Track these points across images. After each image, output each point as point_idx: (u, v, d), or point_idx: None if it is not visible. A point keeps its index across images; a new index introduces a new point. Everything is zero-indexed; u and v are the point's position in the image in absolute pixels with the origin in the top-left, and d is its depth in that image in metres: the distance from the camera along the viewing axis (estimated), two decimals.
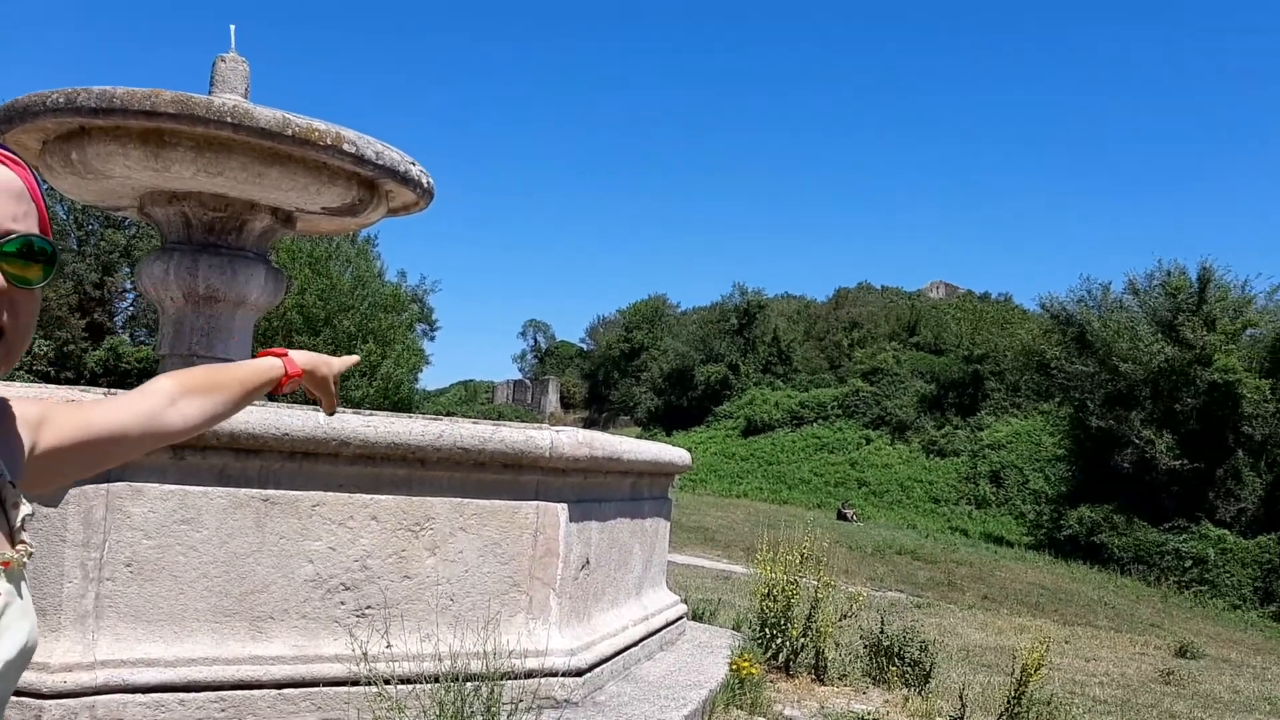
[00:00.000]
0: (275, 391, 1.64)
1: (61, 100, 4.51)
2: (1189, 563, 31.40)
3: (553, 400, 71.57)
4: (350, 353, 29.46)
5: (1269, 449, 33.49)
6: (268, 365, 1.60)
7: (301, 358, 1.66)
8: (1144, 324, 35.30)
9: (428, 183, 5.42)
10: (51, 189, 5.71)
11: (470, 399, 72.57)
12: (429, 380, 73.30)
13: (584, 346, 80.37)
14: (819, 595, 6.20)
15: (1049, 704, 6.18)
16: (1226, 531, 32.08)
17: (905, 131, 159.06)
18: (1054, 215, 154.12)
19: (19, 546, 1.12)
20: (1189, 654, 13.94)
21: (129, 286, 40.15)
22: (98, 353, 35.41)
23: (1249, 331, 34.91)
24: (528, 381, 76.42)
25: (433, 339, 48.17)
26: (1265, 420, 32.89)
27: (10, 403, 1.24)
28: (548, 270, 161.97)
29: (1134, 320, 35.71)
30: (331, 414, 1.85)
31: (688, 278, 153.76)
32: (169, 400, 1.41)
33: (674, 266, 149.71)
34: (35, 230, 1.13)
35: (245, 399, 1.55)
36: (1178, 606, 25.99)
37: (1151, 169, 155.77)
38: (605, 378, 71.08)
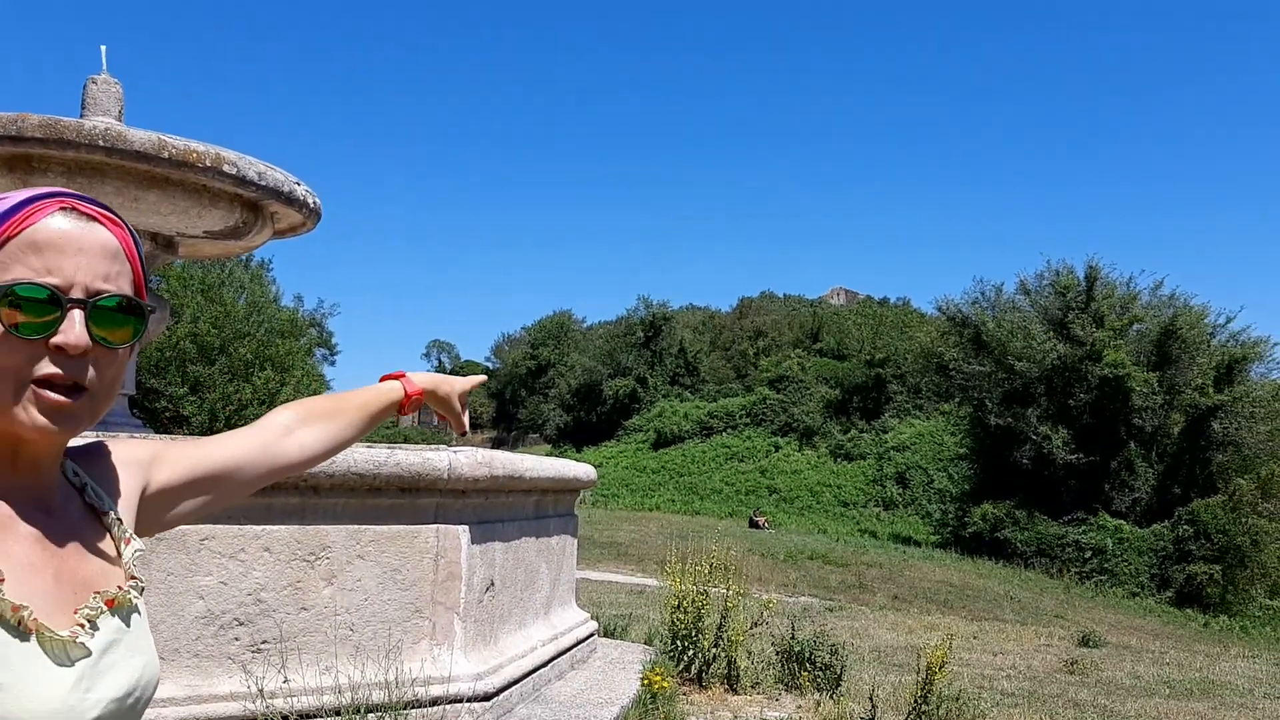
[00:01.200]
0: (400, 413, 1.66)
1: None
2: (1088, 553, 32.37)
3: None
4: (248, 380, 28.78)
5: (1159, 439, 34.76)
6: (388, 388, 1.61)
7: (421, 378, 1.68)
8: (1036, 323, 36.36)
9: (314, 203, 5.29)
10: None
11: None
12: None
13: (490, 365, 79.84)
14: (729, 604, 6.21)
15: (958, 699, 6.27)
16: (1123, 521, 33.16)
17: (802, 141, 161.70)
18: (947, 219, 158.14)
19: (130, 581, 1.15)
20: (1091, 643, 14.33)
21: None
22: None
23: (1135, 327, 36.18)
24: None
25: (333, 363, 47.40)
26: (1154, 412, 34.12)
27: (114, 444, 1.26)
28: (450, 290, 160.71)
29: (1026, 320, 36.75)
30: (462, 434, 1.84)
31: (593, 293, 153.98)
32: (285, 431, 1.42)
33: (578, 282, 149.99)
34: (128, 290, 1.14)
35: (368, 425, 1.55)
36: (1079, 597, 26.75)
37: (1038, 171, 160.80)
38: (513, 396, 70.71)
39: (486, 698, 4.13)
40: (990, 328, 37.15)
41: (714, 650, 6.18)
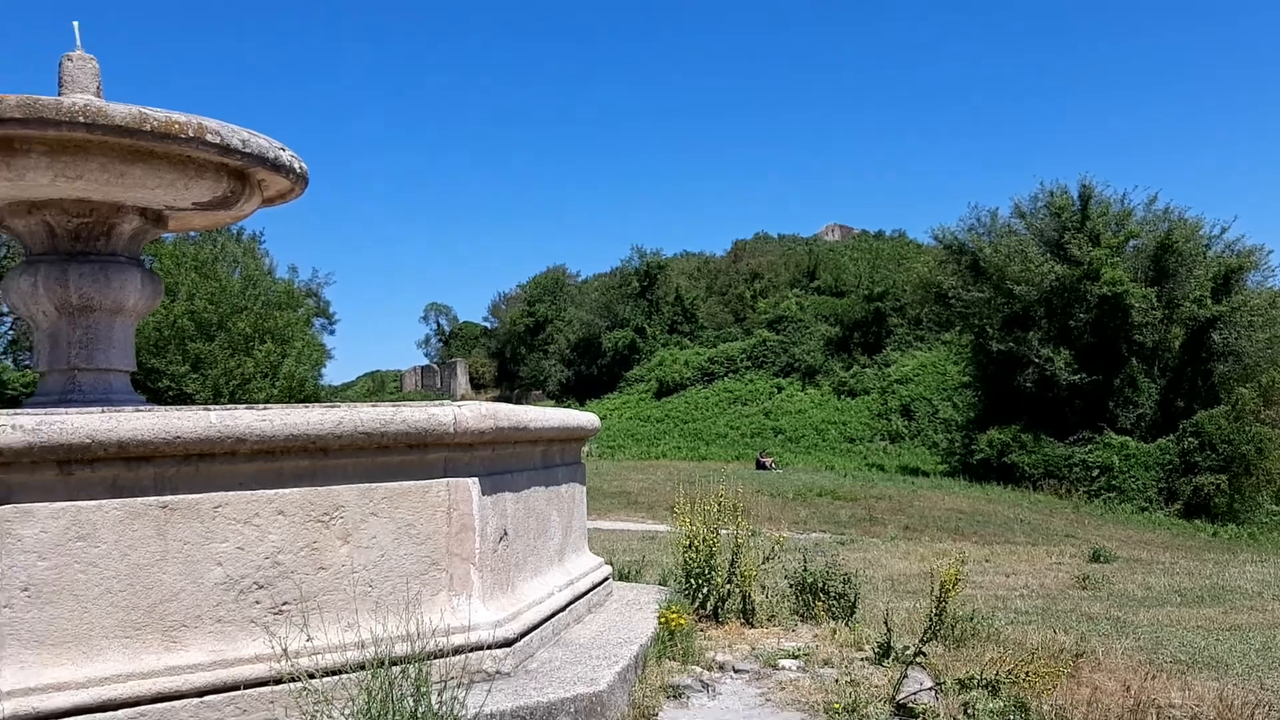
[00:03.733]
0: None
1: None
2: (1096, 472, 32.57)
3: (462, 382, 70.97)
4: (249, 354, 28.75)
5: (1160, 354, 34.85)
6: None
7: None
8: (1033, 245, 36.28)
9: (300, 168, 5.27)
10: None
11: (378, 389, 71.73)
12: (334, 375, 72.12)
13: (488, 325, 79.74)
14: (740, 541, 6.27)
15: (972, 619, 6.35)
16: (1128, 438, 33.32)
17: (790, 79, 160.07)
18: (940, 148, 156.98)
19: None
20: (1102, 558, 14.48)
21: (4, 310, 38.57)
22: None
23: (1131, 243, 36.12)
24: (435, 366, 75.61)
25: (333, 332, 47.37)
26: (1154, 327, 34.17)
27: None
28: (444, 252, 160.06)
29: (1023, 243, 36.66)
30: None
31: (586, 246, 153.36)
32: None
33: (571, 236, 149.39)
34: None
35: None
36: (1089, 515, 26.98)
37: (1028, 91, 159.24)
38: (513, 354, 70.73)
39: (508, 644, 4.19)
40: (987, 253, 37.09)
41: (728, 587, 6.25)
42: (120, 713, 3.42)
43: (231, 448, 3.68)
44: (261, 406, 3.83)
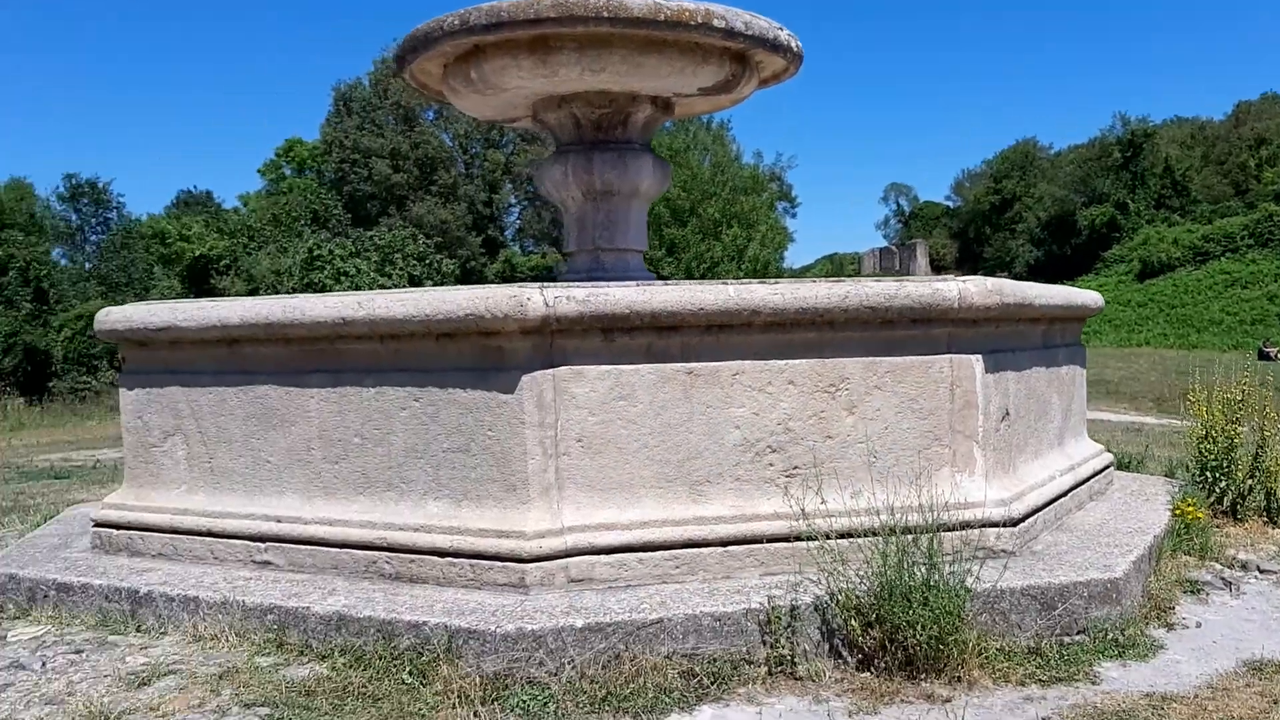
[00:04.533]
0: None
1: (456, 23, 4.83)
2: None
3: (921, 264, 69.44)
4: (718, 238, 30.00)
5: None
6: None
7: None
8: None
9: (796, 47, 5.34)
10: (448, 111, 6.03)
11: (836, 272, 72.29)
12: (793, 258, 73.55)
13: (950, 204, 77.10)
14: (1267, 434, 5.65)
15: None
16: None
17: None
18: None
19: None
20: None
21: (513, 201, 43.22)
22: (495, 265, 38.65)
23: None
24: (893, 248, 74.57)
25: (794, 216, 48.07)
26: None
27: None
28: (904, 129, 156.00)
29: None
30: None
31: (1060, 116, 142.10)
32: None
33: (1043, 106, 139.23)
34: None
35: None
36: None
37: None
38: (976, 234, 68.00)
39: (1012, 523, 4.12)
40: None
41: (1249, 482, 5.69)
42: (656, 554, 3.80)
43: (747, 319, 3.88)
44: (773, 281, 3.99)
